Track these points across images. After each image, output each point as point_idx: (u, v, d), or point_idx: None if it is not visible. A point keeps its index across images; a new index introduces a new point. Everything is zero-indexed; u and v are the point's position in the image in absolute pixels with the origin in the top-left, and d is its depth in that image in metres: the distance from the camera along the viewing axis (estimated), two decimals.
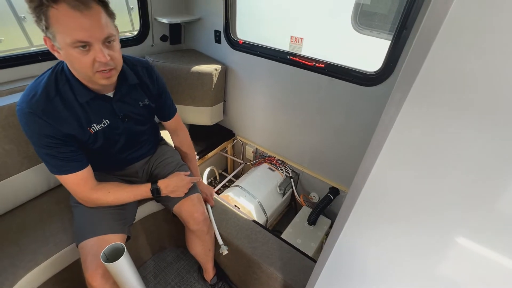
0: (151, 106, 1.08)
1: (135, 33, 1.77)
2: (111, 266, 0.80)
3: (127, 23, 4.05)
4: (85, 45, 0.74)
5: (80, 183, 0.93)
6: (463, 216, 0.43)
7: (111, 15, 0.80)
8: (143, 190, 1.03)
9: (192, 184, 1.14)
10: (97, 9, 0.73)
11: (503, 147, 0.35)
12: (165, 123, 1.23)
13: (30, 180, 1.22)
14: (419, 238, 0.50)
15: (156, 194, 1.05)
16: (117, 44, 0.82)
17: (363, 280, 0.67)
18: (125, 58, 1.00)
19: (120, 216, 1.05)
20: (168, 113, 1.19)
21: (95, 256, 0.91)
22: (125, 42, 1.72)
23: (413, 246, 0.52)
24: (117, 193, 0.99)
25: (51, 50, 0.79)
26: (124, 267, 0.82)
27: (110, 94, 0.94)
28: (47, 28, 0.72)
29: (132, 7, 4.12)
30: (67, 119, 0.86)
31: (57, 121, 0.83)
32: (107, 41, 0.78)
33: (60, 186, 1.33)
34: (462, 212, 0.42)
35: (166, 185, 1.06)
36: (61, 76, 0.85)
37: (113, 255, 0.83)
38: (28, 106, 0.80)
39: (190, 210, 1.12)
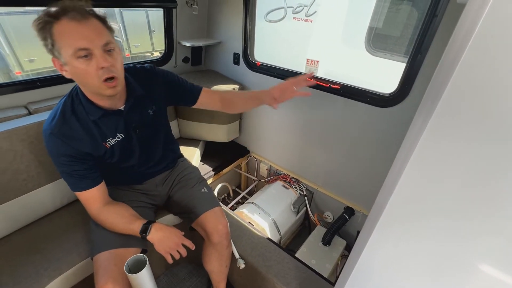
0: (160, 112, 1.10)
1: (155, 53, 1.89)
2: (133, 277, 0.82)
3: (149, 45, 4.33)
4: (87, 54, 0.78)
5: (90, 200, 0.99)
6: (500, 241, 0.41)
7: (109, 28, 0.84)
8: (136, 226, 0.97)
9: (181, 247, 1.00)
10: (95, 21, 0.80)
11: None
12: (201, 103, 1.19)
13: (58, 190, 1.28)
14: (446, 261, 0.49)
15: (143, 232, 0.97)
16: (118, 55, 0.86)
17: None
18: (129, 69, 1.03)
19: None
20: (194, 93, 1.17)
21: (105, 270, 0.93)
22: (151, 63, 1.83)
23: (438, 268, 0.52)
24: (114, 224, 1.00)
25: (59, 71, 0.83)
26: (145, 278, 0.84)
27: (122, 108, 0.99)
28: (53, 45, 0.78)
29: (154, 30, 4.40)
30: (82, 137, 0.92)
31: (72, 140, 0.91)
32: (107, 50, 0.81)
33: None
34: (499, 236, 0.41)
35: (159, 228, 0.98)
36: (76, 98, 0.93)
37: (135, 267, 0.86)
38: (49, 127, 0.89)
39: (215, 222, 1.13)
